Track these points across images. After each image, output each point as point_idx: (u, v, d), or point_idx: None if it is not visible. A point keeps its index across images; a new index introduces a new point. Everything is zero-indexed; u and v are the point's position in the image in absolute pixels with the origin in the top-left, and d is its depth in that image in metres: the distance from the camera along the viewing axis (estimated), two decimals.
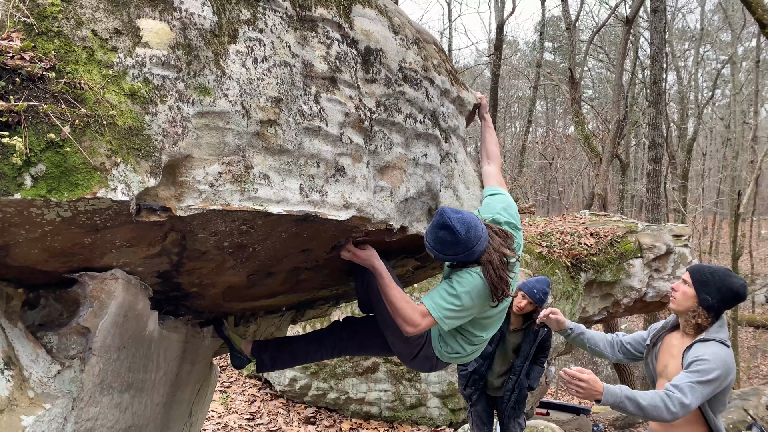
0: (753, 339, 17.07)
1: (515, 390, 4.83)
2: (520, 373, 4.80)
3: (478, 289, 2.37)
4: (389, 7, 2.45)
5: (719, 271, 2.80)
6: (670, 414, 2.58)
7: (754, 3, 8.04)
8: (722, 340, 2.71)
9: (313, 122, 1.97)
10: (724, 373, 2.62)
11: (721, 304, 2.74)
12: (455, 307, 2.37)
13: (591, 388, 2.61)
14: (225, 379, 8.51)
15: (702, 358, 2.66)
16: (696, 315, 2.77)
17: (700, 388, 2.59)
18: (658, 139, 12.14)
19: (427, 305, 2.38)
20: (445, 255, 2.35)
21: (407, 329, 2.37)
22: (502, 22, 17.63)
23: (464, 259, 2.37)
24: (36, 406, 1.73)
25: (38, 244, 1.62)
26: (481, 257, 2.36)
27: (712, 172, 30.59)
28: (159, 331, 2.33)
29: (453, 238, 2.27)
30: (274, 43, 1.91)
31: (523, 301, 4.59)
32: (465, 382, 4.96)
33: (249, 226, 1.92)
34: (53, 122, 1.41)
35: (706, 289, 2.74)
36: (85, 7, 1.58)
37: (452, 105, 2.74)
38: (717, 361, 2.62)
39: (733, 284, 2.73)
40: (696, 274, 2.81)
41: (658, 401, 2.59)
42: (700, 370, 2.62)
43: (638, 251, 7.95)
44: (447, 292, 2.39)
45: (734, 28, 23.43)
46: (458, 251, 2.31)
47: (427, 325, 2.38)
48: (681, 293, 2.83)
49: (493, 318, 2.61)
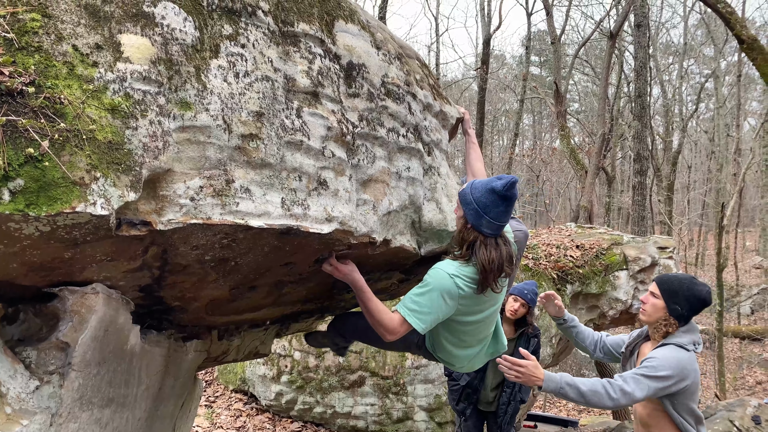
0: (739, 350, 17.17)
1: (510, 403, 4.80)
2: (514, 386, 4.77)
3: (443, 283, 2.41)
4: (372, 23, 2.48)
5: (685, 279, 2.86)
6: (611, 400, 2.63)
7: (732, 20, 8.18)
8: (681, 344, 2.77)
9: (295, 136, 1.98)
10: (676, 373, 2.67)
11: (690, 312, 2.81)
12: (424, 304, 2.41)
13: (530, 374, 2.66)
14: (210, 393, 8.44)
15: (651, 357, 2.75)
16: (666, 324, 2.84)
17: (646, 381, 2.65)
18: (643, 152, 12.26)
19: (401, 311, 2.43)
20: (509, 215, 2.48)
21: (388, 337, 2.46)
22: (488, 37, 17.81)
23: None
24: (13, 423, 1.71)
25: (17, 258, 1.61)
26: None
27: (698, 184, 30.92)
28: (141, 345, 2.31)
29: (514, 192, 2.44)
30: (256, 58, 1.93)
31: (516, 304, 4.59)
32: (457, 397, 4.90)
33: (230, 240, 1.92)
34: (32, 137, 1.41)
35: (675, 299, 2.81)
36: (66, 22, 1.58)
37: (435, 119, 2.77)
38: (667, 361, 2.69)
39: (700, 292, 2.80)
40: (663, 284, 2.87)
41: (599, 387, 2.65)
42: (648, 366, 2.70)
43: (624, 263, 8.01)
44: (414, 294, 2.45)
45: (717, 43, 23.84)
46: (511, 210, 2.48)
47: (404, 330, 2.44)
48: (651, 305, 2.88)
49: (479, 323, 2.63)
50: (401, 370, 7.14)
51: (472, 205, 2.43)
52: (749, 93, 29.02)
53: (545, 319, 7.01)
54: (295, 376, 7.57)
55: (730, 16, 8.25)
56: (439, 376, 7.05)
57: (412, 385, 7.13)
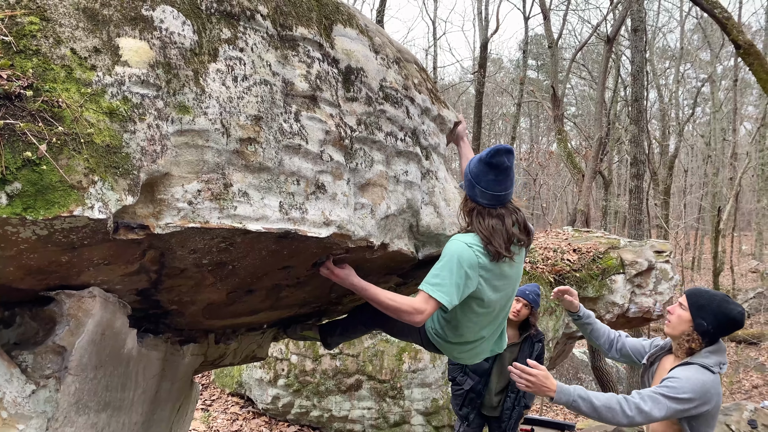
0: (735, 354, 17.19)
1: (515, 408, 4.74)
2: (518, 390, 4.70)
3: (462, 252, 2.39)
4: (370, 27, 2.48)
5: (717, 296, 2.70)
6: (626, 418, 2.49)
7: (729, 25, 8.22)
8: (707, 365, 2.60)
9: (293, 140, 1.98)
10: (699, 397, 2.52)
11: (717, 330, 2.64)
12: (446, 277, 2.36)
13: (541, 384, 2.54)
14: (207, 397, 8.42)
15: (674, 377, 2.59)
16: (690, 339, 2.69)
17: (665, 401, 2.51)
18: (640, 156, 12.28)
19: (424, 289, 2.36)
20: (510, 186, 2.48)
21: (417, 319, 2.34)
22: (486, 41, 17.83)
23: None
24: (9, 427, 1.70)
25: (14, 261, 1.61)
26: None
27: (694, 188, 30.98)
28: (138, 349, 2.31)
29: (511, 161, 2.43)
30: (254, 61, 1.93)
31: (518, 305, 4.57)
32: (461, 402, 4.80)
33: (228, 244, 1.92)
34: (30, 140, 1.41)
35: (702, 314, 2.65)
36: (65, 26, 1.58)
37: (433, 123, 2.77)
38: (690, 383, 2.54)
39: (731, 311, 2.63)
40: (693, 297, 2.72)
41: (614, 403, 2.52)
42: (669, 386, 2.55)
43: (620, 267, 8.01)
44: (436, 269, 2.40)
45: (713, 48, 23.93)
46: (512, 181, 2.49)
47: (432, 307, 2.34)
48: (676, 316, 2.74)
49: (496, 303, 2.59)
50: (398, 374, 7.13)
51: (467, 177, 2.53)
52: (745, 97, 29.12)
53: (542, 324, 7.01)
54: (291, 379, 7.56)
55: (726, 21, 8.29)
56: (436, 380, 7.04)
57: (409, 389, 7.12)
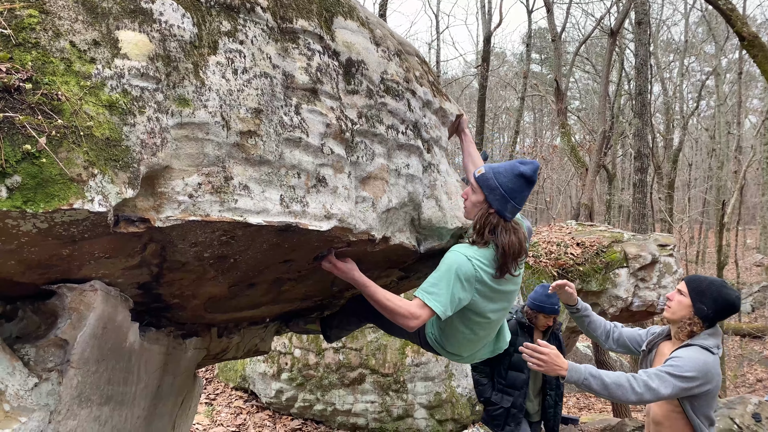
0: (739, 348, 17.18)
1: (558, 404, 4.72)
2: (557, 387, 4.71)
3: (461, 265, 2.38)
4: (371, 19, 2.47)
5: (715, 282, 2.83)
6: (635, 394, 2.57)
7: (733, 17, 8.16)
8: (706, 346, 2.72)
9: (293, 133, 1.98)
10: (701, 375, 2.62)
11: (716, 314, 2.76)
12: (443, 287, 2.36)
13: (553, 362, 2.59)
14: (211, 391, 8.45)
15: (676, 356, 2.69)
16: (691, 323, 2.79)
17: (671, 380, 2.60)
18: (644, 150, 12.25)
19: (420, 296, 2.37)
20: (523, 199, 2.47)
21: (411, 324, 2.36)
22: (489, 34, 17.78)
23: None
24: (12, 420, 1.70)
25: (14, 255, 1.61)
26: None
27: (698, 182, 30.89)
28: (140, 342, 2.31)
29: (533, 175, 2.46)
30: (254, 54, 1.92)
31: (542, 319, 4.52)
32: (503, 421, 4.54)
33: (229, 237, 1.92)
34: (29, 133, 1.41)
35: (702, 299, 2.76)
36: (64, 18, 1.58)
37: (434, 116, 2.76)
38: (693, 362, 2.64)
39: (729, 295, 2.75)
40: (692, 283, 2.83)
41: (624, 381, 2.59)
42: (673, 365, 2.64)
43: (624, 261, 8.00)
44: (433, 277, 2.40)
45: (718, 41, 23.80)
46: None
47: (426, 314, 2.36)
48: (676, 302, 2.84)
49: (496, 312, 2.58)
50: (401, 368, 7.14)
51: (498, 191, 2.42)
52: (750, 90, 28.97)
53: None
54: (295, 373, 7.58)
55: (731, 13, 8.23)
56: (439, 373, 7.05)
57: (412, 383, 7.13)
